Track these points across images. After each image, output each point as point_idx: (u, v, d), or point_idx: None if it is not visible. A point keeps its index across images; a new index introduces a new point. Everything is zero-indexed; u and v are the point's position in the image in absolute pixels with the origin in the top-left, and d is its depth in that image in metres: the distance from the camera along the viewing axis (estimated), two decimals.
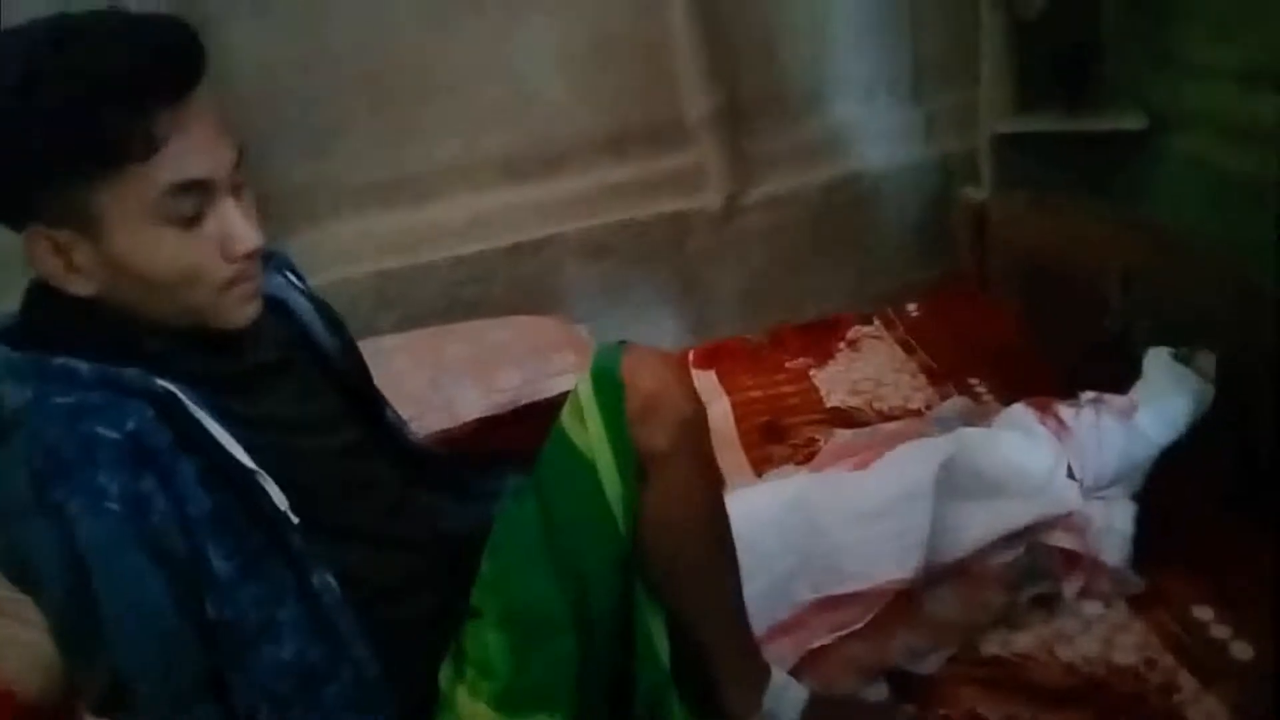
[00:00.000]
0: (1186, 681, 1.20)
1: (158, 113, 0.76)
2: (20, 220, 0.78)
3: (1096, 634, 1.29)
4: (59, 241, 0.78)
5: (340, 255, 2.13)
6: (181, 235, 0.79)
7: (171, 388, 0.80)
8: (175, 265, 0.80)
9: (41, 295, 0.82)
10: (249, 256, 0.83)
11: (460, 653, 1.02)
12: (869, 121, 2.30)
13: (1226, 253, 1.60)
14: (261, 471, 0.83)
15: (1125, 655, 1.26)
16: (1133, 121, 2.00)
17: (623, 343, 1.02)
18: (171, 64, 0.77)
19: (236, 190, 0.84)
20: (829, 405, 1.95)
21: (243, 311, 0.86)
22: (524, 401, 1.75)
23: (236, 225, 0.82)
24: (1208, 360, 1.41)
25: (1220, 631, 1.27)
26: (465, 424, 1.73)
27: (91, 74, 0.73)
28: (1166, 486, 1.41)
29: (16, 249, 0.80)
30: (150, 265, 0.79)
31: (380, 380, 1.14)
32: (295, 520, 0.85)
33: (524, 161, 2.18)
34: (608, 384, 0.98)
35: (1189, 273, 1.60)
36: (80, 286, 0.80)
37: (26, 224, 0.78)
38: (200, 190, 0.79)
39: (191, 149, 0.78)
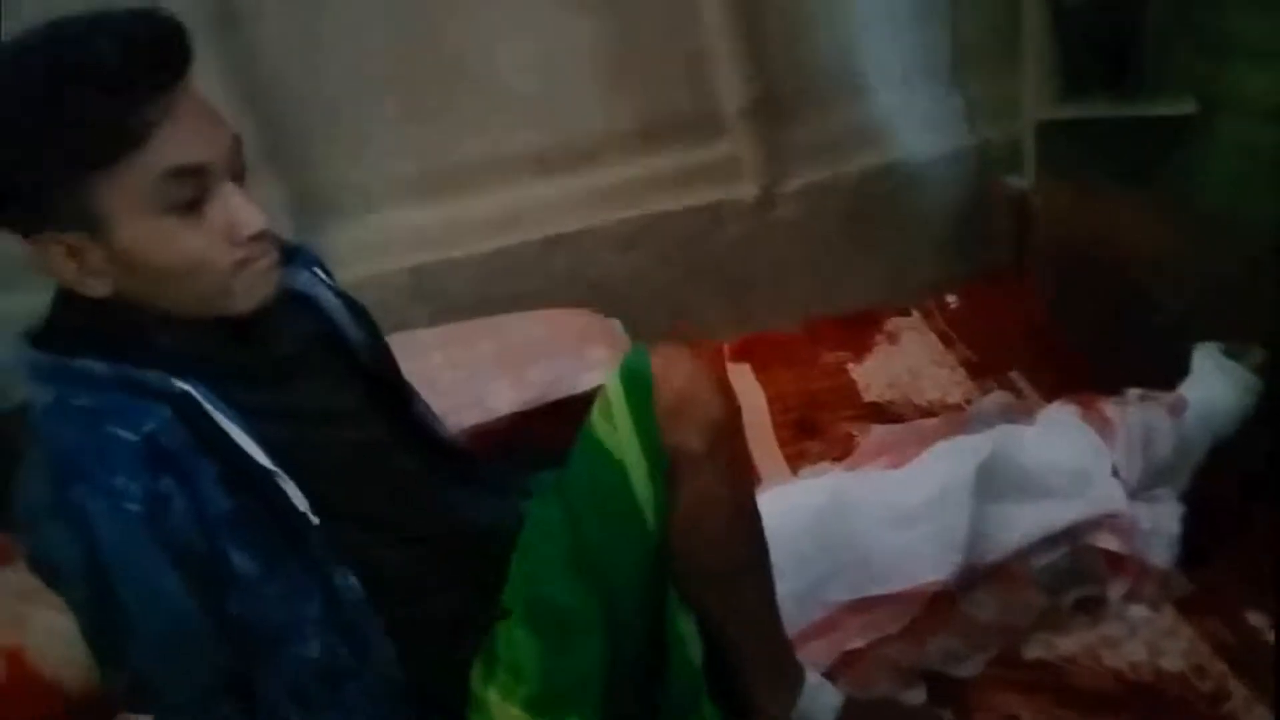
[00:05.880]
0: (1238, 689, 1.17)
1: (145, 102, 0.76)
2: (30, 227, 0.78)
3: (1143, 639, 1.26)
4: (70, 245, 0.78)
5: (375, 250, 2.14)
6: (184, 223, 0.79)
7: (189, 389, 0.80)
8: (182, 254, 0.80)
9: (64, 299, 0.83)
10: (254, 239, 0.83)
11: (492, 653, 1.02)
12: (907, 110, 2.25)
13: (1277, 242, 1.54)
14: (280, 472, 0.83)
15: (1173, 661, 1.22)
16: (1181, 106, 1.94)
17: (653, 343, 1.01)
18: (154, 54, 0.78)
19: (238, 176, 0.84)
20: (867, 400, 1.92)
21: (255, 294, 0.85)
22: (557, 396, 1.75)
23: (239, 209, 0.82)
24: (1260, 356, 1.36)
25: (1274, 637, 1.22)
26: (498, 418, 1.73)
27: (76, 71, 0.75)
28: (1216, 486, 1.37)
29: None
30: (158, 256, 0.79)
31: (413, 375, 1.13)
32: (315, 520, 0.85)
33: (557, 154, 2.17)
34: (637, 383, 0.96)
35: (1238, 264, 1.55)
36: (95, 288, 0.80)
37: (37, 231, 0.78)
38: (196, 175, 0.79)
39: (183, 135, 0.78)
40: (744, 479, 1.04)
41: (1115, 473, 1.33)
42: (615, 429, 0.97)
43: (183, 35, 0.80)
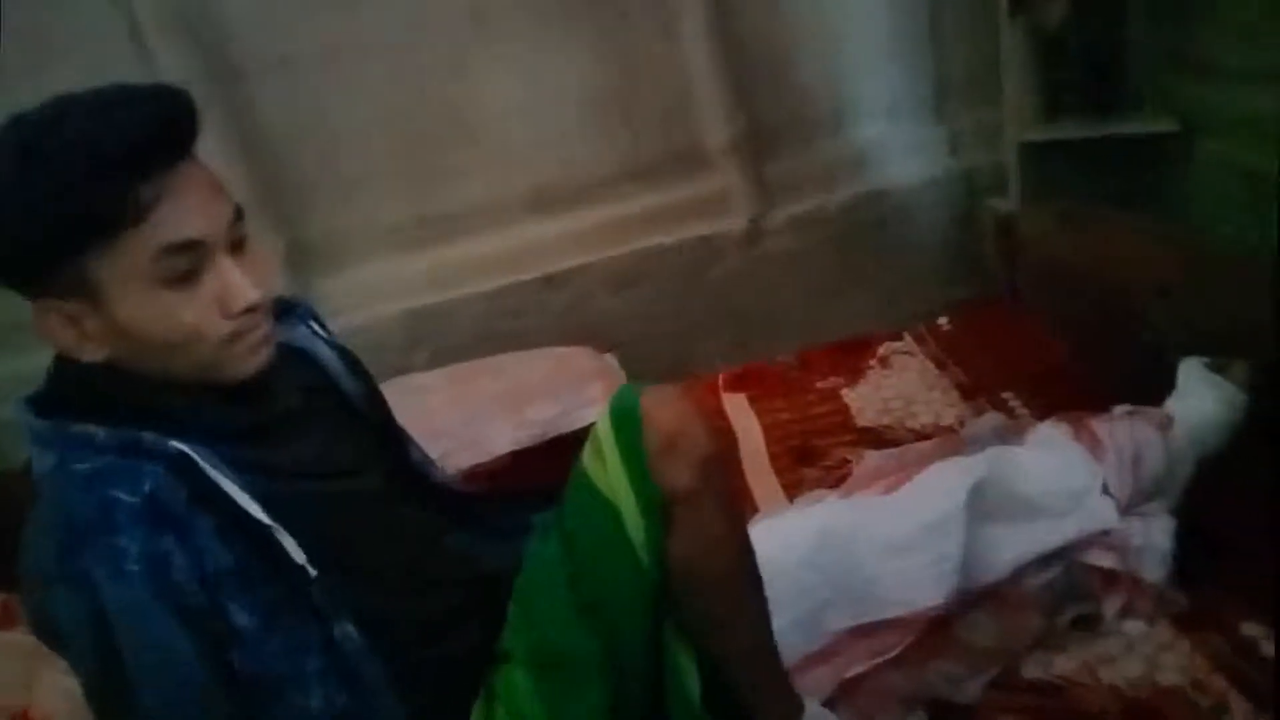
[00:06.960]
0: (1238, 703, 1.17)
1: (147, 180, 0.78)
2: (30, 292, 0.81)
3: (1140, 654, 1.26)
4: (69, 313, 0.80)
5: (375, 294, 2.17)
6: (179, 295, 0.81)
7: (185, 448, 0.81)
8: (175, 325, 0.81)
9: (62, 363, 0.85)
10: (248, 311, 0.84)
11: (492, 695, 1.03)
12: (892, 139, 2.29)
13: (1261, 259, 1.56)
14: (277, 525, 0.84)
15: (1171, 676, 1.22)
16: (1163, 125, 1.97)
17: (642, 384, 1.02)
18: (160, 134, 0.79)
19: (237, 247, 0.85)
20: (860, 425, 1.94)
21: (249, 363, 0.86)
22: (555, 433, 1.77)
23: (234, 283, 0.83)
24: (1242, 369, 1.38)
25: (1272, 649, 1.22)
26: (498, 458, 1.74)
27: (82, 148, 0.76)
28: (1206, 499, 1.38)
29: None
30: (153, 327, 0.81)
31: (413, 417, 1.15)
32: (313, 573, 0.86)
33: (550, 195, 2.20)
34: (626, 422, 0.98)
35: (1223, 281, 1.57)
36: (93, 354, 0.82)
37: (37, 297, 0.80)
38: (194, 250, 0.81)
39: (182, 210, 0.80)
40: (736, 514, 1.05)
41: (1106, 490, 1.35)
42: (606, 468, 0.98)
43: (192, 114, 0.82)
